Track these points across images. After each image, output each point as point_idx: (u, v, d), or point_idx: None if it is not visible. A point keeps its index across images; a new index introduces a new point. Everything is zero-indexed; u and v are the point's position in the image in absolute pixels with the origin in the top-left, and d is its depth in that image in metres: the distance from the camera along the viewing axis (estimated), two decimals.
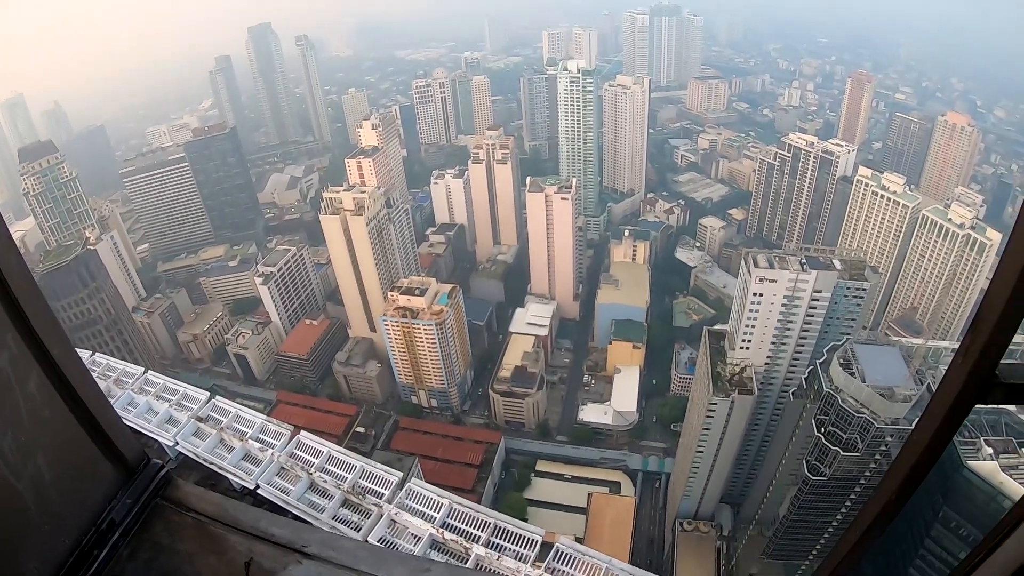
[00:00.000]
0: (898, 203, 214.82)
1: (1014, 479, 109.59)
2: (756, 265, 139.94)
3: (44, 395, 6.70)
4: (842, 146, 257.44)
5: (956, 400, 5.47)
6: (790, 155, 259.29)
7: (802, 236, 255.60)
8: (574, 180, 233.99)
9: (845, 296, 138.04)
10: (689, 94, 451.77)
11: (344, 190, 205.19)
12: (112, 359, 32.42)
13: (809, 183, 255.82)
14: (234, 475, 24.94)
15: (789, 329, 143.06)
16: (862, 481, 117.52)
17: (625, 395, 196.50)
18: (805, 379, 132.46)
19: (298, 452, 74.73)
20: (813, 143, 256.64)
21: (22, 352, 6.37)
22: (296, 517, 22.16)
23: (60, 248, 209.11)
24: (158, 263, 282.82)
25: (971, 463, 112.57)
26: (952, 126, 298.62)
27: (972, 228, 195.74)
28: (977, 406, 5.56)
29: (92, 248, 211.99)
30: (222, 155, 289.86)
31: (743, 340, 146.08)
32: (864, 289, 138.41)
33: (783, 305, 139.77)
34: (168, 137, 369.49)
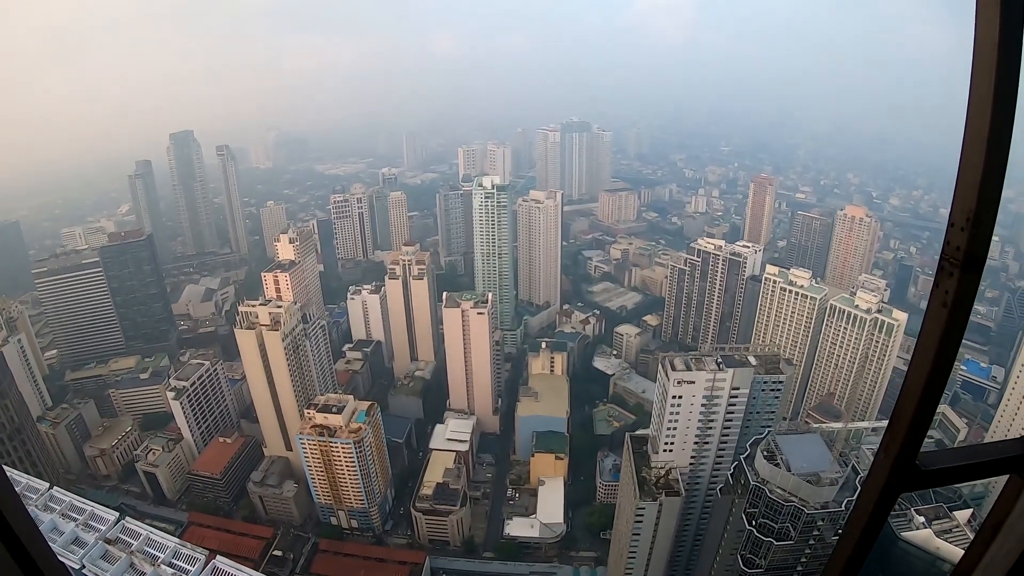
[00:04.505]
0: (806, 296, 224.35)
1: (950, 542, 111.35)
2: (673, 368, 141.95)
3: None
4: (749, 247, 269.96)
5: (882, 493, 6.07)
6: (700, 260, 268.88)
7: (716, 336, 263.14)
8: (490, 294, 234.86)
9: (763, 390, 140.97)
10: (600, 206, 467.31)
11: (260, 304, 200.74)
12: (15, 472, 30.25)
13: (720, 285, 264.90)
14: None
15: (711, 427, 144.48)
16: (799, 568, 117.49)
17: (551, 506, 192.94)
18: (731, 474, 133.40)
19: None
20: (721, 247, 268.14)
21: None
22: None
23: None
24: (66, 371, 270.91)
25: (905, 534, 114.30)
26: (851, 218, 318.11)
27: (879, 312, 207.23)
28: None
29: None
30: (137, 262, 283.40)
31: (666, 443, 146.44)
32: (780, 381, 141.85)
33: (703, 405, 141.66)
34: (83, 240, 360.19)
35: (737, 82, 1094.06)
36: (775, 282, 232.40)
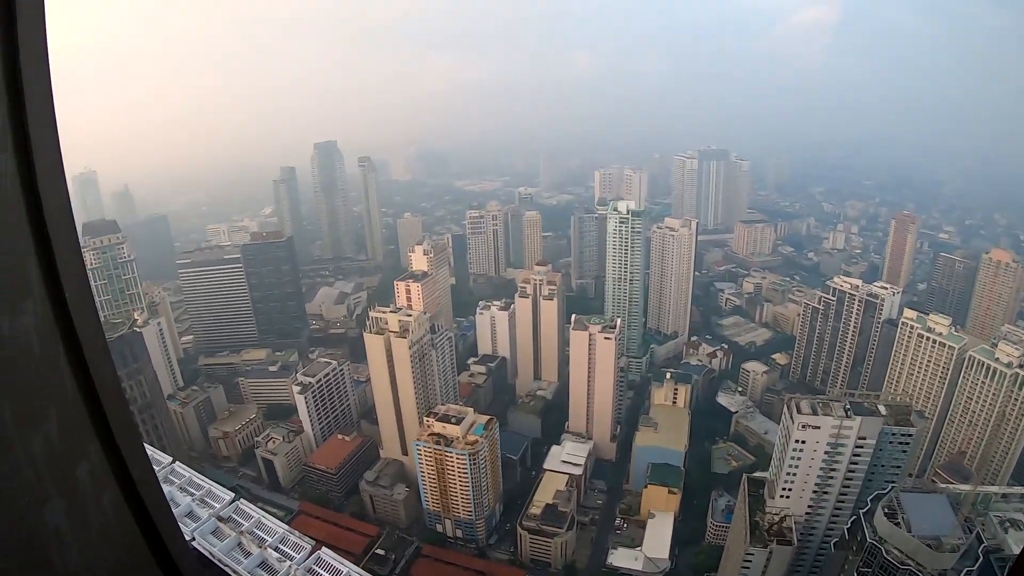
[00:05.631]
0: (944, 344, 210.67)
1: None
2: (799, 411, 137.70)
3: (117, 513, 6.42)
4: (887, 288, 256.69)
5: None
6: (835, 299, 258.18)
7: (846, 381, 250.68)
8: (619, 320, 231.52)
9: (890, 442, 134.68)
10: (735, 237, 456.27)
11: (391, 311, 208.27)
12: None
13: (854, 327, 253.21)
14: None
15: (832, 477, 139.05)
16: None
17: (658, 541, 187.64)
18: (848, 529, 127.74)
19: (317, 568, 73.20)
20: (858, 286, 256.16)
21: (102, 466, 6.08)
22: None
23: (107, 325, 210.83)
24: (200, 356, 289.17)
25: None
26: (997, 263, 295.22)
27: (1020, 367, 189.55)
28: None
29: (138, 330, 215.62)
30: (276, 262, 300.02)
31: (784, 488, 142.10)
32: (910, 435, 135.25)
33: (826, 452, 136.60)
34: (227, 237, 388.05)
35: (881, 112, 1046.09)
36: (912, 327, 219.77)
